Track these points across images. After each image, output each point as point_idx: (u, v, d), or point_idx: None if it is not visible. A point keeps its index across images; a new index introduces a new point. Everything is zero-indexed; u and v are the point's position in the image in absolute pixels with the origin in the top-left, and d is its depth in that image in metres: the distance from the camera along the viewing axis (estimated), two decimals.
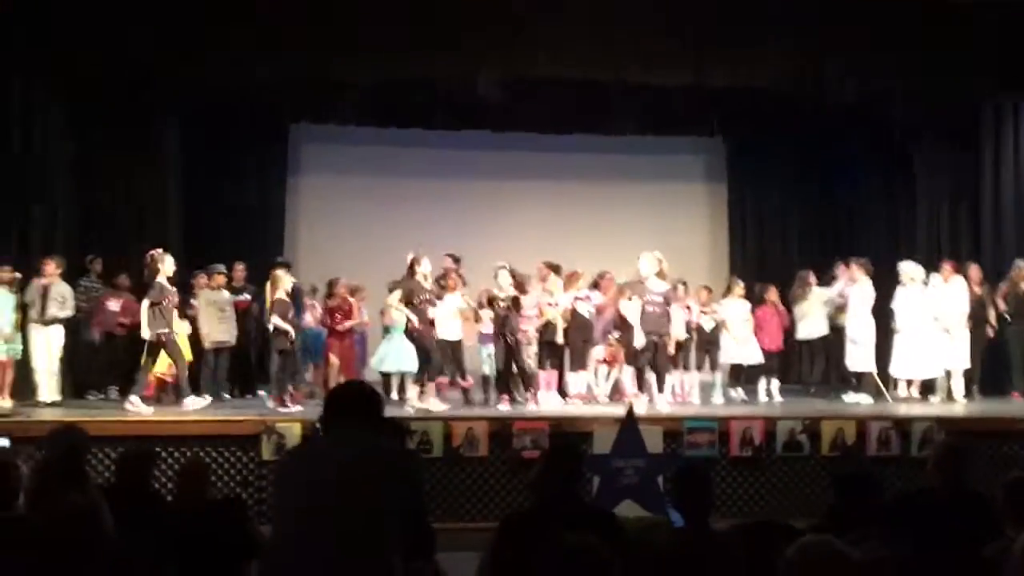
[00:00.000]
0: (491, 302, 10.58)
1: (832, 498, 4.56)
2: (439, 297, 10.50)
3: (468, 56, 11.12)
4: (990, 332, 11.53)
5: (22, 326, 10.20)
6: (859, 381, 11.19)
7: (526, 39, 11.01)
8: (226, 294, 11.29)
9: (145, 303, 9.86)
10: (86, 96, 11.31)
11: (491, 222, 14.29)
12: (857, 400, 10.91)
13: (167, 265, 9.98)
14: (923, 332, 11.09)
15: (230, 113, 13.33)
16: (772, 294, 11.94)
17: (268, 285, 10.50)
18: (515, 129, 14.17)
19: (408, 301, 10.21)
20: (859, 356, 11.16)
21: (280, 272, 10.46)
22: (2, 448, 7.04)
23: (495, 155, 14.58)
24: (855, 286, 11.29)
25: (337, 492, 3.16)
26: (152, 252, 10.08)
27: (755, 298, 11.88)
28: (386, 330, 10.95)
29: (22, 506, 4.75)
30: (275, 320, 10.18)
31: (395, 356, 10.44)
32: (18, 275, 10.04)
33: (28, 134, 10.93)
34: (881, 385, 11.06)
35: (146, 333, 9.81)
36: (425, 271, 10.35)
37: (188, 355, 10.66)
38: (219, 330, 11.09)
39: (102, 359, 11.30)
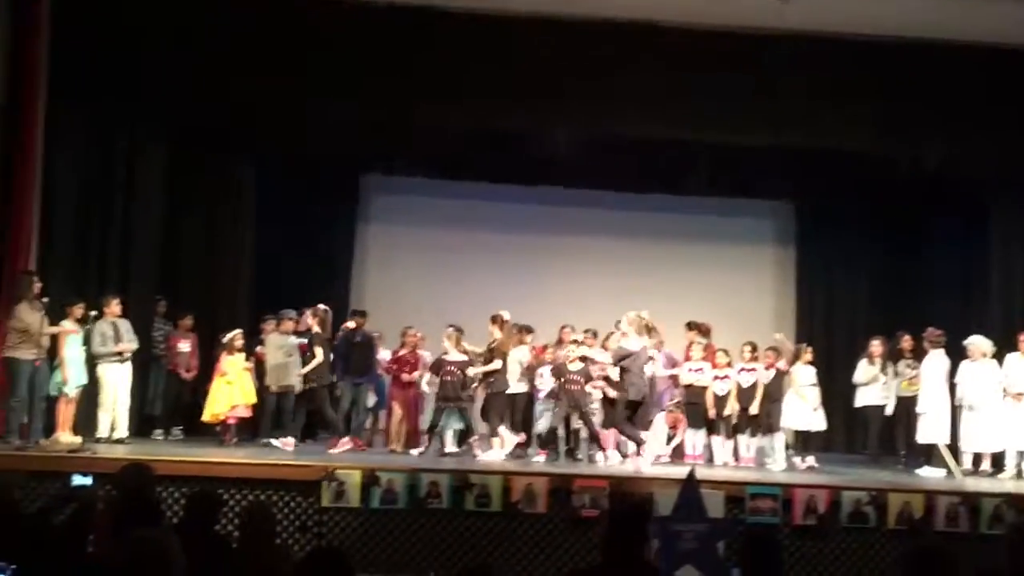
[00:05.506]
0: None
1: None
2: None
3: (546, 110, 11.22)
4: None
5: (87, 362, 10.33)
6: (929, 454, 10.94)
7: (605, 96, 11.06)
8: (293, 339, 11.38)
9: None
10: (177, 145, 11.61)
11: (557, 278, 14.30)
12: (930, 474, 10.64)
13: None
14: (991, 406, 10.80)
15: (303, 162, 13.60)
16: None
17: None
18: (585, 186, 14.22)
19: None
20: (929, 429, 10.94)
21: None
22: (84, 486, 7.06)
23: (564, 211, 14.56)
24: (926, 358, 11.12)
25: None
26: None
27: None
28: None
29: (92, 543, 4.82)
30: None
31: None
32: (92, 313, 10.21)
33: (131, 180, 11.29)
34: (950, 459, 10.77)
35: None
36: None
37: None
38: (285, 374, 11.19)
39: (168, 398, 11.48)
